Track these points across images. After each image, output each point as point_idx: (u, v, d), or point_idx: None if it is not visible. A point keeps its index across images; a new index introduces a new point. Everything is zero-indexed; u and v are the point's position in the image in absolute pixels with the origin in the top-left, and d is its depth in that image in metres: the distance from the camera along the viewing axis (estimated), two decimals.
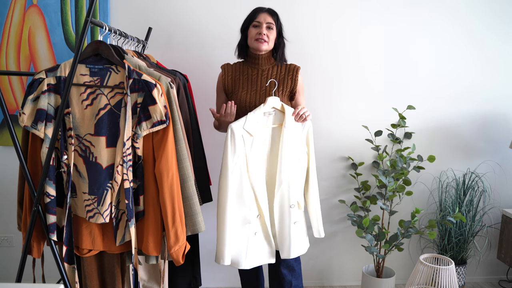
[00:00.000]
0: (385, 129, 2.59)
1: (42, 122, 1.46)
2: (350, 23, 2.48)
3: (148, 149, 1.54)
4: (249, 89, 1.96)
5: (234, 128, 1.80)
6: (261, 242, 1.92)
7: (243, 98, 1.95)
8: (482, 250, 2.77)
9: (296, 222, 1.93)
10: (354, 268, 2.72)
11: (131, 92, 1.49)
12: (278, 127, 1.90)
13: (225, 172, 1.82)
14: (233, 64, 2.05)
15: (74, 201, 1.55)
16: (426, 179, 2.67)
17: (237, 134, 1.81)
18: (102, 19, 2.33)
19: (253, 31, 1.93)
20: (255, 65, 1.98)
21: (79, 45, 1.39)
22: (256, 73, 1.98)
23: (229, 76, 2.01)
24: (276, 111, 1.90)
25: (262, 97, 1.94)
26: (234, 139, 1.81)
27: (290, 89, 1.99)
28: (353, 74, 2.53)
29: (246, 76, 1.99)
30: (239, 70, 2.01)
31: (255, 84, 1.97)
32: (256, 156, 1.85)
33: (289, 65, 2.00)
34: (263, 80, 1.96)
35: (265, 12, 1.93)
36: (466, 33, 2.54)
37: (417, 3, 2.48)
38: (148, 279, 1.88)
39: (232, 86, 2.00)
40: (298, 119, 1.86)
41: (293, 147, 1.89)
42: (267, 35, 1.91)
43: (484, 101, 2.62)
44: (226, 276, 2.65)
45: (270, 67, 1.99)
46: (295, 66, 2.00)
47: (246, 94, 1.95)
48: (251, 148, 1.84)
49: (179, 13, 2.40)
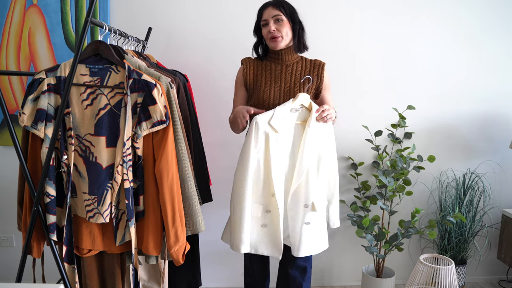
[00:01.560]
0: (385, 129, 2.59)
1: (42, 122, 1.46)
2: (350, 23, 2.48)
3: (148, 149, 1.54)
4: (272, 85, 1.85)
5: (259, 122, 1.73)
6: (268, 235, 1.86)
7: (266, 95, 1.84)
8: (482, 250, 2.77)
9: (309, 223, 1.84)
10: (354, 268, 2.72)
11: (131, 92, 1.49)
12: (301, 124, 1.81)
13: (245, 163, 1.76)
14: (254, 59, 1.93)
15: (74, 201, 1.55)
16: (426, 179, 2.67)
17: (261, 128, 1.74)
18: (102, 19, 2.33)
19: (264, 32, 1.84)
20: (278, 60, 1.88)
21: (79, 45, 1.39)
22: (280, 69, 1.86)
23: (251, 71, 1.89)
24: (303, 108, 1.81)
25: (286, 95, 1.84)
26: (258, 133, 1.74)
27: (316, 86, 1.89)
28: (353, 74, 2.53)
29: (269, 72, 1.87)
30: (261, 65, 1.90)
31: (279, 80, 1.85)
32: (278, 152, 1.78)
33: (314, 61, 1.90)
34: (287, 76, 1.86)
35: (269, 7, 1.83)
36: (466, 33, 2.54)
37: (417, 5, 2.49)
38: (148, 279, 1.88)
39: (253, 81, 1.89)
40: (319, 118, 1.79)
41: (315, 146, 1.81)
42: (277, 29, 1.80)
43: (484, 101, 2.62)
44: (226, 276, 2.65)
45: (295, 62, 1.88)
46: (321, 62, 1.90)
47: (269, 90, 1.84)
48: (275, 144, 1.76)
49: (179, 13, 2.40)
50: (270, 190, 1.80)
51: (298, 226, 1.83)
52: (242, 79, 1.92)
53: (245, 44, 2.43)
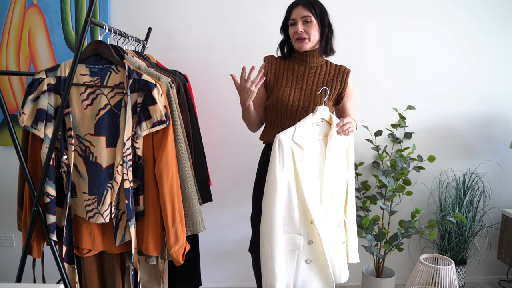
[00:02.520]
0: (385, 129, 2.59)
1: (42, 122, 1.46)
2: (350, 23, 2.48)
3: (148, 149, 1.54)
4: (293, 86, 1.76)
5: (282, 139, 1.57)
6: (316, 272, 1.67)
7: (286, 95, 1.75)
8: (482, 250, 2.77)
9: (344, 242, 1.73)
10: (354, 268, 2.72)
11: (131, 92, 1.49)
12: (324, 139, 1.68)
13: (273, 187, 1.57)
14: (278, 57, 1.85)
15: (74, 201, 1.55)
16: (426, 179, 2.67)
17: (285, 145, 1.57)
18: (102, 19, 2.33)
19: (291, 31, 1.75)
20: (302, 61, 1.79)
21: (79, 45, 1.39)
22: (303, 70, 1.78)
23: (273, 69, 1.81)
24: (324, 121, 1.69)
25: (307, 98, 1.74)
26: (282, 150, 1.57)
27: (338, 92, 1.81)
28: (353, 75, 2.52)
29: (292, 72, 1.79)
30: (284, 64, 1.81)
31: (301, 81, 1.77)
32: (308, 172, 1.61)
33: (339, 66, 1.83)
34: (310, 78, 1.77)
35: (299, 6, 1.73)
36: (466, 34, 2.54)
37: (417, 5, 2.48)
38: (148, 279, 1.88)
39: (274, 80, 1.80)
40: (341, 132, 1.68)
41: (339, 160, 1.69)
42: (305, 30, 1.71)
43: (484, 101, 2.62)
44: (226, 276, 2.65)
45: (319, 65, 1.80)
46: (346, 68, 1.83)
47: (290, 91, 1.75)
48: (302, 162, 1.60)
49: (179, 13, 2.40)
50: (308, 217, 1.62)
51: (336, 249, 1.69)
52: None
53: (245, 44, 2.43)
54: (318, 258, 1.65)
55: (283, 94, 1.75)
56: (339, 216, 1.71)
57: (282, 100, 1.75)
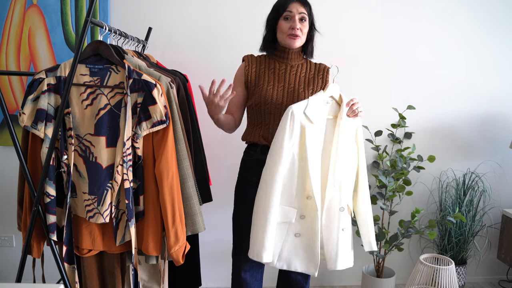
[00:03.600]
0: (385, 129, 2.59)
1: (42, 122, 1.46)
2: (349, 23, 2.48)
3: (148, 149, 1.54)
4: (275, 84, 1.75)
5: (294, 110, 1.58)
6: (303, 247, 1.67)
7: (269, 93, 1.73)
8: (482, 250, 2.77)
9: (344, 229, 1.70)
10: (354, 268, 2.72)
11: (131, 92, 1.49)
12: (333, 119, 1.67)
13: (278, 157, 1.58)
14: (257, 56, 1.83)
15: (74, 201, 1.55)
16: (426, 179, 2.67)
17: (297, 117, 1.58)
18: (102, 19, 2.33)
19: (284, 26, 1.70)
20: (283, 59, 1.78)
21: (79, 45, 1.39)
22: (284, 69, 1.77)
23: (253, 68, 1.79)
24: (334, 101, 1.68)
25: (290, 95, 1.74)
26: (293, 122, 1.57)
27: (320, 89, 1.80)
28: (352, 74, 2.53)
29: (273, 71, 1.77)
30: (264, 63, 1.79)
31: (283, 80, 1.76)
32: (314, 148, 1.61)
33: (318, 65, 1.83)
34: (292, 77, 1.77)
35: (295, 2, 1.69)
36: (466, 34, 2.54)
37: (417, 6, 2.48)
38: (148, 279, 1.88)
39: (255, 79, 1.78)
40: (350, 112, 1.67)
41: (348, 143, 1.67)
42: (301, 29, 1.69)
43: (484, 101, 2.62)
44: (226, 276, 2.65)
45: (300, 64, 1.80)
46: (325, 66, 1.83)
47: (272, 89, 1.74)
48: (310, 137, 1.59)
49: (179, 13, 2.40)
50: (306, 192, 1.62)
51: (334, 233, 1.67)
52: (242, 77, 1.81)
53: (245, 44, 2.43)
54: (308, 233, 1.65)
55: (266, 93, 1.73)
56: (342, 200, 1.67)
57: (265, 98, 1.73)
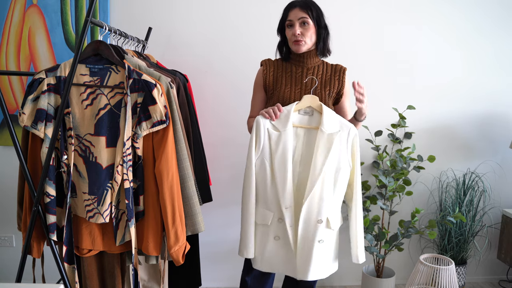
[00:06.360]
0: (385, 129, 2.59)
1: (42, 122, 1.46)
2: (349, 23, 2.48)
3: (148, 149, 1.54)
4: (293, 86, 1.79)
5: (260, 120, 1.70)
6: (283, 250, 1.73)
7: (286, 95, 1.78)
8: (482, 250, 2.77)
9: (321, 241, 1.70)
10: (354, 268, 2.72)
11: (131, 92, 1.49)
12: (315, 129, 1.72)
13: (248, 163, 1.71)
14: (274, 60, 1.87)
15: (74, 201, 1.55)
16: (426, 179, 2.67)
17: (262, 126, 1.69)
18: (102, 19, 2.33)
19: (288, 33, 1.77)
20: (299, 63, 1.82)
21: (79, 45, 1.39)
22: (301, 71, 1.81)
23: (271, 72, 1.83)
24: (315, 111, 1.73)
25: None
26: (259, 131, 1.69)
27: (337, 91, 1.83)
28: (352, 75, 2.53)
29: (290, 74, 1.81)
30: (281, 67, 1.84)
31: (300, 82, 1.79)
32: (283, 154, 1.67)
33: (335, 65, 1.85)
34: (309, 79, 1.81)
35: (296, 8, 1.74)
36: (465, 34, 2.54)
37: (417, 6, 2.48)
38: (148, 279, 1.88)
39: (274, 82, 1.82)
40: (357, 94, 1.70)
41: (332, 154, 1.67)
42: (302, 33, 1.73)
43: (484, 101, 2.62)
44: (226, 276, 2.65)
45: (316, 65, 1.83)
46: (342, 67, 1.85)
47: (290, 91, 1.78)
48: (276, 144, 1.68)
49: (179, 13, 2.40)
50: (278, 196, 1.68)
51: (308, 244, 1.69)
52: (261, 80, 1.85)
53: (245, 44, 2.43)
54: (285, 237, 1.72)
55: (284, 95, 1.78)
56: (322, 213, 1.67)
57: (283, 99, 1.78)
